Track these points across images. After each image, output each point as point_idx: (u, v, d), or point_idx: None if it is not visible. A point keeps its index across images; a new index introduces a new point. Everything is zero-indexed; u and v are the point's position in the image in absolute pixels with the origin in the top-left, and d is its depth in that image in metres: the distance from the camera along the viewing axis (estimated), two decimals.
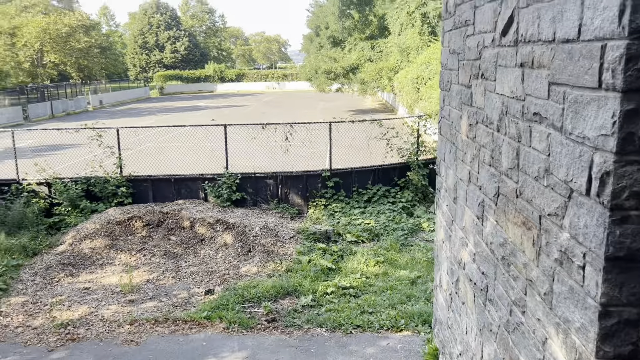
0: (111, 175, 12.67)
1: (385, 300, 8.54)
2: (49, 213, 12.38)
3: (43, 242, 10.97)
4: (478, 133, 4.73)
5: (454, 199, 5.80)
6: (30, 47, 48.22)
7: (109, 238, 11.17)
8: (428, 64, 25.07)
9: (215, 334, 7.84)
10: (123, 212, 11.86)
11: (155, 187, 12.98)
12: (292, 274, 9.66)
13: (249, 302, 8.69)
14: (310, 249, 10.68)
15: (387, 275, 9.65)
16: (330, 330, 7.84)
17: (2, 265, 9.75)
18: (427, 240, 11.35)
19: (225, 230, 11.27)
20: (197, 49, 77.73)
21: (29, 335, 7.87)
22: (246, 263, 10.27)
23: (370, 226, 11.75)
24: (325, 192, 13.06)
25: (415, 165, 13.36)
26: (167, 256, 10.75)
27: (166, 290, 9.38)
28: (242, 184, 12.94)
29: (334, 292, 8.93)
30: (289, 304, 8.69)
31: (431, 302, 8.49)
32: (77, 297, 9.05)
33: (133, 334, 7.88)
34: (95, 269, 10.24)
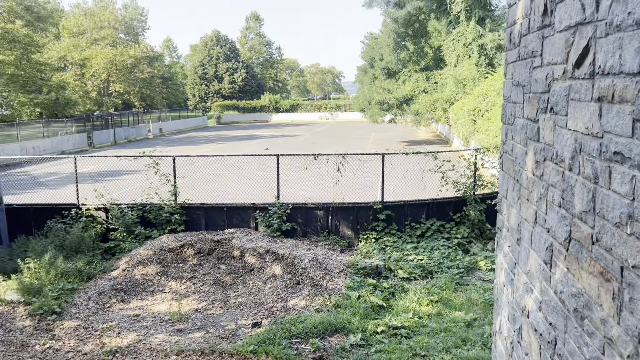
0: (166, 203, 12.90)
1: (439, 343, 8.09)
2: (105, 238, 12.69)
3: (98, 267, 11.20)
4: (546, 171, 4.40)
5: (517, 240, 5.42)
6: (97, 77, 51.10)
7: (161, 265, 11.28)
8: (485, 95, 24.56)
9: None
10: (175, 240, 11.98)
11: (207, 215, 13.09)
12: (341, 309, 9.36)
13: (296, 337, 8.45)
14: (360, 284, 10.36)
15: (441, 315, 9.19)
16: None
17: (58, 289, 9.97)
18: (485, 280, 10.80)
19: (274, 261, 11.15)
20: (253, 80, 79.93)
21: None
22: (294, 296, 10.07)
23: (423, 262, 11.32)
24: (377, 225, 12.76)
25: (471, 199, 12.88)
26: (216, 285, 10.71)
27: (214, 320, 9.29)
28: (292, 214, 12.85)
29: (385, 332, 8.56)
30: (337, 342, 8.39)
31: (488, 348, 7.97)
32: (127, 324, 9.10)
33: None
34: (146, 296, 10.31)
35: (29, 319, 9.17)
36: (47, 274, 10.40)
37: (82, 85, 50.64)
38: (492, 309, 9.56)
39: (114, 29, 54.98)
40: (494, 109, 21.89)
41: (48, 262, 10.59)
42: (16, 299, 9.77)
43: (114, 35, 54.58)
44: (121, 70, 51.68)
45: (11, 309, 9.51)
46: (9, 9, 39.14)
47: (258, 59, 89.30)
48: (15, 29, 34.55)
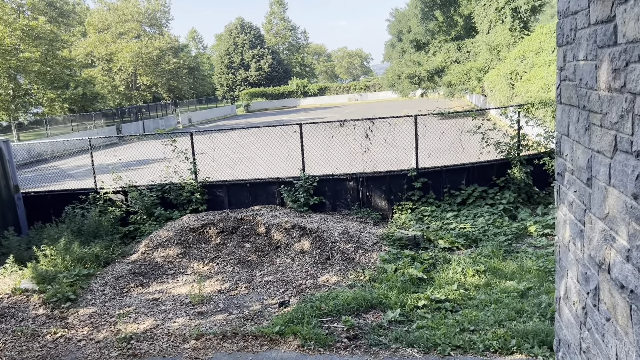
0: (186, 182, 12.18)
1: (489, 316, 7.07)
2: (125, 222, 12.09)
3: (116, 251, 10.57)
4: (630, 78, 3.32)
5: (587, 181, 4.34)
6: (125, 71, 51.18)
7: (182, 246, 10.56)
8: (523, 57, 22.98)
9: (288, 352, 6.79)
10: (197, 219, 11.25)
11: (230, 192, 12.32)
12: (376, 284, 8.43)
13: (327, 315, 7.57)
14: (396, 256, 9.39)
15: (490, 286, 8.15)
16: (423, 352, 6.52)
17: (73, 275, 9.37)
18: (537, 247, 9.66)
19: (302, 236, 10.28)
20: (280, 65, 79.03)
21: (91, 349, 7.26)
22: (324, 272, 9.18)
23: (466, 231, 10.25)
24: (412, 194, 11.72)
25: (516, 161, 11.68)
26: (240, 264, 9.92)
27: (238, 301, 8.50)
28: (320, 187, 11.93)
29: (426, 306, 7.59)
30: (373, 318, 7.46)
31: (549, 319, 6.90)
32: (145, 309, 8.40)
33: (198, 350, 7.02)
34: (166, 279, 9.62)
35: (43, 307, 8.58)
36: (62, 260, 9.82)
37: (110, 80, 50.82)
38: (548, 276, 8.44)
39: (137, 21, 54.88)
40: (533, 70, 20.37)
41: (63, 248, 10.01)
42: (31, 288, 9.22)
43: (138, 28, 54.52)
44: (147, 62, 51.61)
45: (25, 298, 8.96)
46: (32, 5, 39.29)
47: (284, 44, 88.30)
48: (39, 25, 34.58)
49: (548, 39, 20.93)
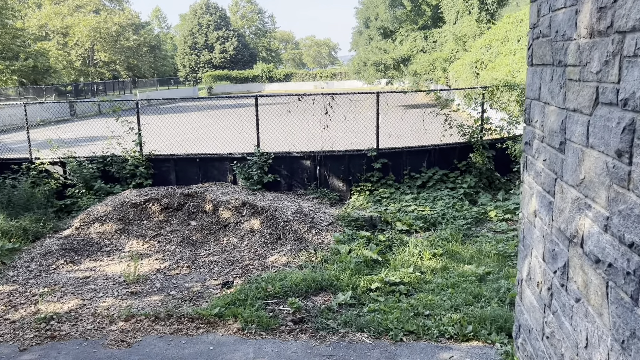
0: (130, 154, 11.31)
1: (445, 301, 6.62)
2: (62, 195, 11.14)
3: (48, 225, 9.66)
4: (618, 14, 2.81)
5: (559, 145, 3.85)
6: (81, 46, 48.90)
7: (121, 222, 9.74)
8: (488, 46, 22.80)
9: (227, 335, 6.16)
10: (139, 194, 10.43)
11: (178, 167, 11.52)
12: (329, 265, 7.88)
13: (273, 297, 6.97)
14: (351, 237, 8.86)
15: (448, 270, 7.72)
16: (374, 337, 6.00)
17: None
18: (497, 232, 9.30)
19: (252, 214, 9.62)
20: (245, 49, 77.40)
21: (4, 330, 6.44)
22: (274, 252, 8.57)
23: (425, 214, 9.81)
24: (371, 176, 11.21)
25: (479, 145, 11.31)
26: (184, 243, 9.19)
27: (177, 281, 7.80)
28: (275, 165, 11.28)
29: (380, 289, 7.09)
30: (323, 301, 6.91)
31: (509, 304, 6.50)
32: (73, 288, 7.60)
33: (126, 332, 6.31)
34: (101, 256, 8.80)
35: None
36: None
37: (66, 54, 48.47)
38: (508, 261, 8.06)
39: None
40: (498, 58, 20.17)
41: None
42: None
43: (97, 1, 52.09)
44: (105, 38, 49.42)
45: None
46: None
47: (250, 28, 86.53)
48: None
49: (514, 28, 20.78)
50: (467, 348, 5.69)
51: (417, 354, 5.62)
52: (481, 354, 5.55)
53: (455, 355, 5.55)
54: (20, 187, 10.35)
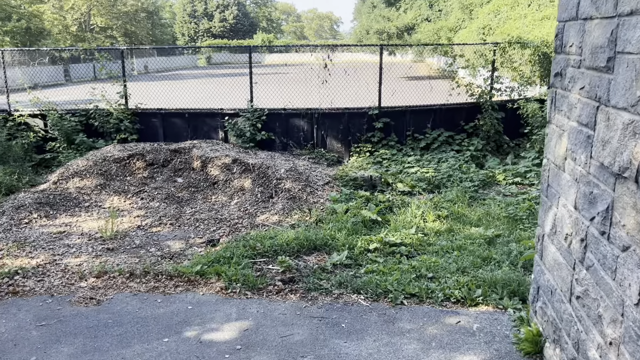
0: (114, 107, 10.57)
1: (451, 264, 6.00)
2: (42, 150, 10.45)
3: (23, 179, 8.99)
4: None
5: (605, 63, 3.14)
6: (77, 10, 47.60)
7: (103, 177, 9.07)
8: (497, 11, 21.81)
9: (208, 295, 5.55)
10: (123, 149, 9.73)
11: (166, 123, 10.81)
12: (324, 225, 7.23)
13: (262, 256, 6.34)
14: (349, 197, 8.20)
15: (453, 232, 7.08)
16: (371, 299, 5.39)
17: None
18: (505, 195, 8.64)
19: (243, 172, 8.95)
20: (246, 18, 75.70)
21: None
22: (265, 211, 7.92)
23: (428, 175, 9.14)
24: (372, 136, 10.50)
25: (487, 106, 10.59)
26: (169, 200, 8.54)
27: (158, 239, 7.17)
28: (269, 123, 10.57)
29: (379, 250, 6.46)
30: (316, 261, 6.28)
31: (522, 268, 5.87)
32: (45, 243, 6.97)
33: (97, 289, 5.69)
34: (78, 212, 8.15)
35: None
36: None
37: (61, 18, 47.20)
38: (519, 224, 7.41)
39: None
40: (508, 23, 19.23)
41: None
42: None
43: None
44: (102, 2, 48.09)
45: None
46: None
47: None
48: None
49: None
50: (475, 313, 5.08)
51: (419, 318, 5.00)
52: (492, 320, 4.94)
53: (462, 321, 4.94)
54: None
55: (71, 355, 4.49)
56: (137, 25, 52.34)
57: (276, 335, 4.75)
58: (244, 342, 4.65)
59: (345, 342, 4.63)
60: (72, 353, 4.52)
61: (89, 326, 4.96)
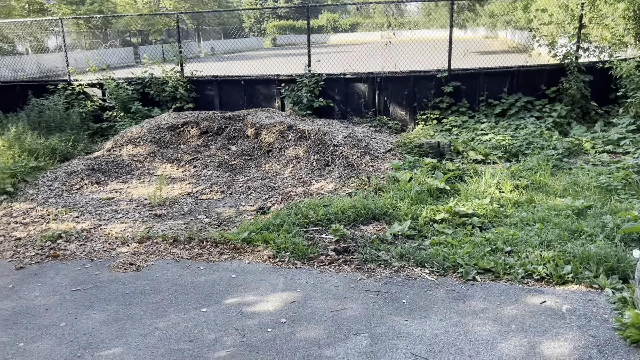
0: (170, 75, 10.29)
1: (532, 237, 5.14)
2: (99, 119, 10.37)
3: (78, 147, 8.88)
4: None
5: None
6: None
7: (156, 145, 8.80)
8: None
9: (254, 263, 5.03)
10: (178, 117, 9.42)
11: (222, 91, 10.41)
12: (384, 194, 6.52)
13: (315, 225, 5.74)
14: (413, 164, 7.43)
15: (534, 203, 6.16)
16: (437, 273, 4.66)
17: (19, 166, 7.72)
18: (595, 164, 7.54)
19: (298, 139, 8.37)
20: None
21: (6, 247, 5.63)
22: (320, 179, 7.31)
23: (504, 143, 8.18)
24: (440, 102, 9.60)
25: (573, 68, 9.39)
26: (221, 168, 8.12)
27: (208, 206, 6.74)
28: (327, 89, 9.91)
29: (447, 220, 5.69)
30: (375, 231, 5.61)
31: (620, 242, 4.93)
32: (93, 208, 6.72)
33: (138, 255, 5.32)
34: (130, 179, 7.90)
35: None
36: (9, 149, 8.18)
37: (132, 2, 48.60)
38: (614, 195, 6.36)
39: None
40: None
41: (13, 137, 8.34)
42: None
43: None
44: None
45: None
46: None
47: None
48: None
49: None
50: (564, 292, 4.24)
51: (495, 296, 4.23)
52: (585, 301, 4.09)
53: (548, 301, 4.12)
54: (53, 107, 9.60)
55: (102, 322, 4.10)
56: (205, 7, 52.95)
57: (326, 309, 4.15)
58: (289, 315, 4.08)
59: (406, 320, 3.95)
60: (103, 320, 4.14)
61: (125, 293, 4.57)
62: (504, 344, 3.59)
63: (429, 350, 3.56)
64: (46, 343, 3.85)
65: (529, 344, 3.58)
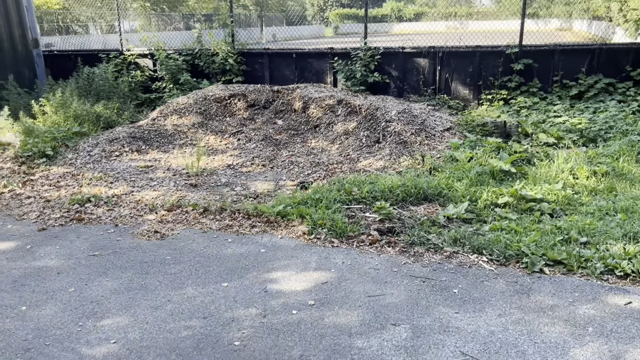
0: (220, 47, 9.94)
1: (614, 228, 4.33)
2: (148, 90, 10.18)
3: (123, 115, 8.67)
4: None
5: None
6: None
7: (201, 116, 8.45)
8: None
9: (286, 238, 4.51)
10: (225, 89, 9.04)
11: (272, 65, 9.95)
12: (439, 174, 5.83)
13: (358, 202, 5.15)
14: (474, 144, 6.67)
15: (615, 191, 5.30)
16: (497, 262, 3.97)
17: (61, 131, 7.56)
18: None
19: (348, 114, 7.78)
20: None
21: (33, 208, 5.39)
22: (369, 156, 6.69)
23: (580, 126, 7.24)
24: (509, 80, 8.71)
25: None
26: (265, 142, 7.65)
27: (247, 179, 6.28)
28: (383, 64, 9.22)
29: (510, 205, 4.95)
30: (425, 212, 4.95)
31: None
32: (128, 175, 6.42)
33: (165, 223, 4.92)
34: (171, 149, 7.58)
35: (11, 162, 6.86)
36: (55, 114, 8.06)
37: None
38: None
39: None
40: None
41: (59, 102, 8.21)
42: (13, 142, 7.55)
43: None
44: None
45: (1, 150, 7.29)
46: None
47: None
48: None
49: None
50: None
51: (567, 293, 3.50)
52: None
53: (634, 302, 3.36)
54: (103, 75, 9.46)
55: (113, 291, 3.70)
56: None
57: (362, 294, 3.57)
58: (319, 297, 3.53)
59: (457, 312, 3.30)
60: (115, 288, 3.74)
61: (143, 261, 4.16)
62: (578, 350, 2.89)
63: (482, 350, 2.91)
64: (50, 308, 3.49)
65: (611, 353, 2.86)
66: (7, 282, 3.87)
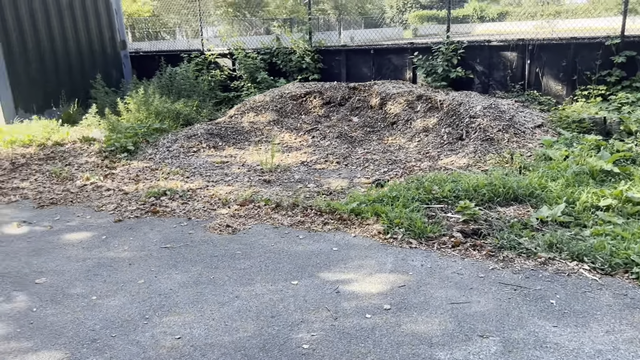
0: (297, 45, 9.86)
1: None
2: (227, 89, 10.30)
3: (202, 113, 8.79)
4: None
5: None
6: None
7: (277, 114, 8.37)
8: None
9: (360, 237, 4.24)
10: (301, 87, 8.93)
11: (349, 62, 9.71)
12: (530, 173, 5.31)
13: (439, 202, 4.77)
14: (570, 141, 6.06)
15: None
16: (601, 271, 3.48)
17: (142, 127, 7.75)
18: None
19: (428, 110, 7.38)
20: None
21: (111, 200, 5.48)
22: (451, 154, 6.27)
23: None
24: (608, 74, 7.91)
25: None
26: (340, 139, 7.42)
27: (321, 175, 6.08)
28: (467, 58, 8.70)
29: (614, 208, 4.38)
30: (515, 214, 4.48)
31: None
32: (204, 170, 6.43)
33: (237, 217, 4.81)
34: (247, 145, 7.54)
35: (96, 156, 7.09)
36: (137, 111, 8.29)
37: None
38: None
39: None
40: None
41: (141, 99, 8.45)
42: (98, 137, 7.84)
43: None
44: None
45: (87, 145, 7.58)
46: None
47: None
48: None
49: None
50: None
51: None
52: None
53: None
54: (184, 74, 9.65)
55: (181, 284, 3.60)
56: None
57: (444, 300, 3.22)
58: (395, 302, 3.23)
59: (555, 326, 2.88)
60: (184, 282, 3.63)
61: (214, 255, 4.05)
62: None
63: None
64: (118, 299, 3.43)
65: None
66: (82, 271, 3.88)
